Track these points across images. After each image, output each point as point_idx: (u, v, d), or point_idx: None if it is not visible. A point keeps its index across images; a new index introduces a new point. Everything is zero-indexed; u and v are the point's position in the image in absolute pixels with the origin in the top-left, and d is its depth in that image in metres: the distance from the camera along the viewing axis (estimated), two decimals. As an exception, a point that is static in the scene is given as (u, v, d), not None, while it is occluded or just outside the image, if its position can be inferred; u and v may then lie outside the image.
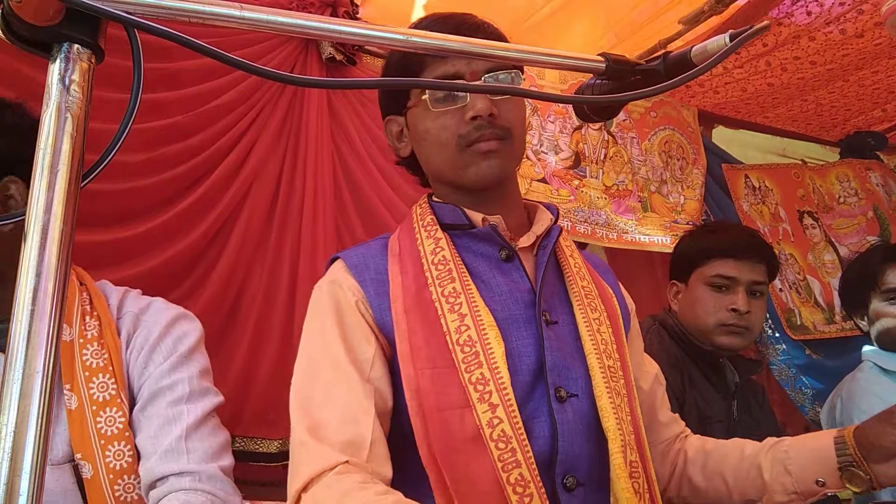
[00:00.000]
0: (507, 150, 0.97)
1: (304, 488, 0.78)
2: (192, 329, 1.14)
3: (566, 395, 0.90)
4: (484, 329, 0.88)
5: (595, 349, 0.93)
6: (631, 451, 0.90)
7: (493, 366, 0.85)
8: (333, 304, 0.94)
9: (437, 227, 0.98)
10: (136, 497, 1.00)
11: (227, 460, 1.09)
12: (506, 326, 0.90)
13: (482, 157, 0.95)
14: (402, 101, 1.02)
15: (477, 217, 0.98)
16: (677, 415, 1.23)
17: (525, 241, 1.00)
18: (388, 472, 0.83)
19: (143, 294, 1.21)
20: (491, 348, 0.86)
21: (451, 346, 0.87)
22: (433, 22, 0.99)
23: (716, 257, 1.69)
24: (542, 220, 1.02)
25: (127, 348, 1.09)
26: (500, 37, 1.00)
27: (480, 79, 0.95)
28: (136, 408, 1.05)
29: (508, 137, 0.96)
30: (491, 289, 0.94)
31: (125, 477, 1.00)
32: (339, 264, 1.00)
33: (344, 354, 0.88)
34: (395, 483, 0.83)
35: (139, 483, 1.00)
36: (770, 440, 1.08)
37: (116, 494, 0.99)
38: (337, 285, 0.96)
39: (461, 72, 0.94)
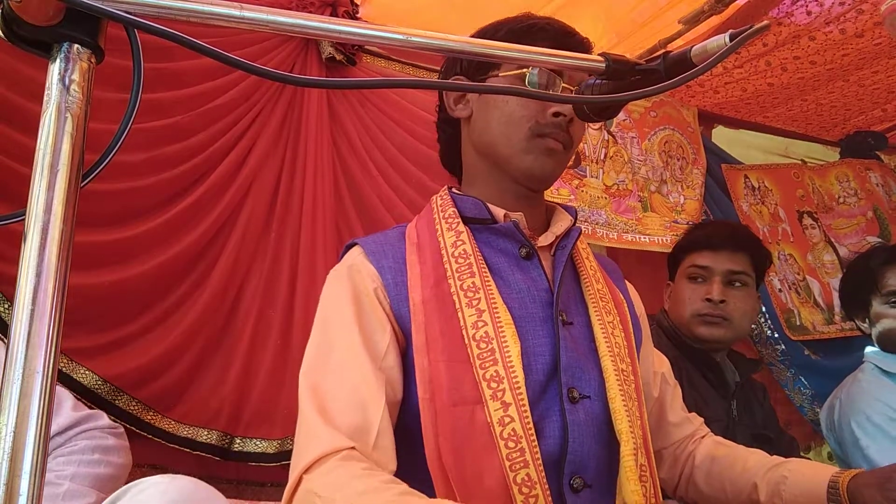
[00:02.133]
0: (564, 158, 0.99)
1: (307, 469, 0.77)
2: None
3: (579, 396, 0.89)
4: (501, 326, 0.87)
5: (610, 352, 0.93)
6: (641, 454, 0.90)
7: (509, 364, 0.85)
8: (351, 289, 0.92)
9: (459, 219, 0.98)
10: None
11: (67, 399, 1.10)
12: (522, 325, 0.90)
13: (545, 152, 0.96)
14: (487, 68, 1.01)
15: (499, 212, 0.98)
16: (693, 414, 1.23)
17: (544, 240, 1.00)
18: (391, 464, 0.82)
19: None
20: (507, 346, 0.86)
21: (466, 341, 0.87)
22: (542, 21, 0.99)
23: (693, 250, 1.71)
24: (562, 221, 1.03)
25: None
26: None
27: (575, 85, 0.94)
28: None
29: (569, 147, 0.99)
30: (509, 286, 0.94)
31: None
32: (357, 250, 0.99)
33: (359, 339, 0.88)
34: (400, 477, 0.82)
35: None
36: (775, 459, 1.10)
37: None
38: (356, 270, 0.95)
39: (563, 70, 0.95)
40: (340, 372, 0.86)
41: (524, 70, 0.95)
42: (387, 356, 0.88)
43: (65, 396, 1.12)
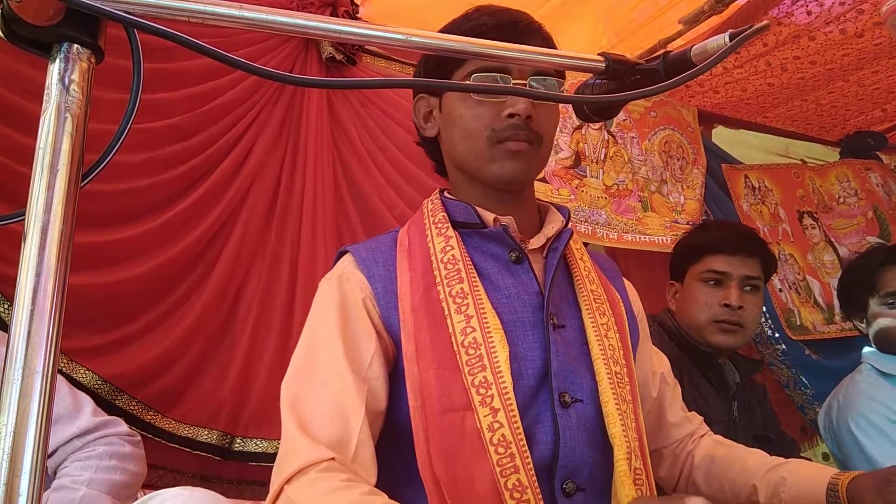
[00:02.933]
0: (534, 156, 0.96)
1: (288, 480, 0.78)
2: None
3: (571, 401, 0.89)
4: (489, 332, 0.87)
5: (602, 354, 0.92)
6: (636, 458, 0.89)
7: (497, 369, 0.85)
8: (339, 299, 0.92)
9: (449, 224, 0.97)
10: None
11: (88, 404, 1.12)
12: (512, 330, 0.90)
13: (509, 156, 0.94)
14: (441, 78, 1.00)
15: (489, 217, 0.97)
16: (693, 413, 1.23)
17: (535, 242, 0.99)
18: (371, 477, 0.82)
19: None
20: (495, 351, 0.86)
21: (455, 348, 0.86)
22: (484, 15, 0.97)
23: (707, 253, 1.69)
24: (554, 222, 1.01)
25: None
26: (549, 40, 0.98)
27: (527, 79, 0.94)
28: None
29: (538, 143, 0.96)
30: (499, 290, 0.93)
31: None
32: (347, 258, 0.99)
33: (342, 350, 0.87)
34: (391, 485, 0.82)
35: None
36: (775, 460, 1.10)
37: None
38: (345, 279, 0.94)
39: (509, 67, 0.93)
40: (322, 383, 0.86)
41: (466, 82, 0.94)
42: (371, 366, 0.88)
43: (86, 401, 1.15)
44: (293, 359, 0.92)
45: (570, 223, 1.04)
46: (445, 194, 1.05)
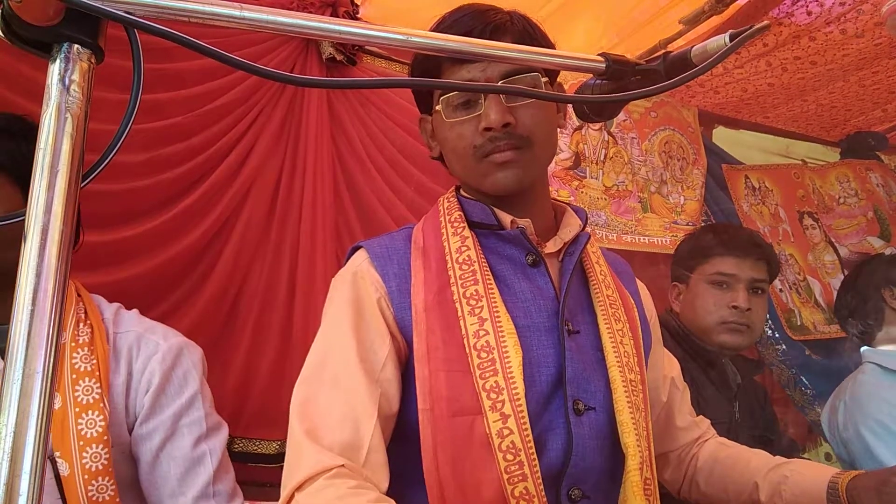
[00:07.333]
0: (526, 159, 0.92)
1: (299, 488, 0.77)
2: (197, 360, 1.18)
3: (584, 409, 0.88)
4: (503, 336, 0.86)
5: (618, 361, 0.91)
6: (647, 467, 0.88)
7: (509, 375, 0.83)
8: (354, 297, 0.91)
9: (465, 224, 0.95)
10: (107, 498, 1.04)
11: (240, 496, 1.18)
12: (526, 335, 0.88)
13: (498, 167, 0.92)
14: (429, 104, 1.00)
15: (506, 218, 0.95)
16: (700, 417, 1.22)
17: (552, 246, 0.97)
18: (383, 481, 0.80)
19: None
20: (508, 356, 0.84)
21: (468, 350, 0.85)
22: (458, 19, 0.95)
23: (716, 255, 1.70)
24: (571, 226, 0.99)
25: (124, 367, 1.11)
26: (527, 32, 0.95)
27: (498, 79, 0.91)
28: (156, 443, 1.09)
29: (527, 146, 0.92)
30: (514, 294, 0.92)
31: (99, 478, 1.03)
32: (362, 255, 0.96)
33: (355, 352, 0.86)
34: (395, 488, 0.81)
35: (112, 484, 1.04)
36: (777, 459, 1.10)
37: (90, 495, 1.02)
38: (360, 277, 0.93)
39: (476, 78, 0.90)
40: (333, 385, 0.85)
41: (438, 107, 0.94)
42: (385, 368, 0.87)
43: (231, 469, 1.18)
44: (307, 359, 0.90)
45: (587, 227, 1.02)
46: (462, 192, 1.02)
